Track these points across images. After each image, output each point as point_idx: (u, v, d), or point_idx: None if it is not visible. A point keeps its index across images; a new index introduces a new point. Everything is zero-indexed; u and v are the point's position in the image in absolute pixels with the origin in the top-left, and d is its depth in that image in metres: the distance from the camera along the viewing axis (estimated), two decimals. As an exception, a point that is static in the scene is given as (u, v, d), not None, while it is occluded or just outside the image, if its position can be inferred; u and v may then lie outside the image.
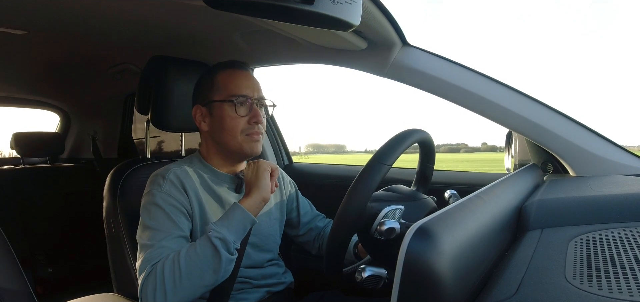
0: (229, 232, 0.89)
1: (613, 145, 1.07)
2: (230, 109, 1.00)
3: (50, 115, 2.75)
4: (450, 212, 0.54)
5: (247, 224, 0.92)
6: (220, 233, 0.88)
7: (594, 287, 0.45)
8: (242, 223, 0.91)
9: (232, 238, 0.89)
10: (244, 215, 0.91)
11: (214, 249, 0.86)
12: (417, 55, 1.19)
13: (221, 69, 1.05)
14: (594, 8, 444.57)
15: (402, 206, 0.81)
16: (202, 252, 0.87)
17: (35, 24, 1.27)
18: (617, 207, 0.72)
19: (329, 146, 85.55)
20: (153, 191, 0.98)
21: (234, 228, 0.90)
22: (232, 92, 1.01)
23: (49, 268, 2.13)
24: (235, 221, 0.90)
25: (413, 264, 0.42)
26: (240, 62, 1.07)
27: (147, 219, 0.95)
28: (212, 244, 0.87)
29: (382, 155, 0.76)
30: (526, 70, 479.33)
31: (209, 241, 0.87)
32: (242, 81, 1.02)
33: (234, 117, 1.00)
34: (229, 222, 0.90)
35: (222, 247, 0.87)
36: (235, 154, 1.04)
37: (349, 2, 0.71)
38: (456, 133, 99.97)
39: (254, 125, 1.01)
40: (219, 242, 0.87)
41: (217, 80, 1.04)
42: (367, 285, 0.75)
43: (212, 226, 0.89)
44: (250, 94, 1.02)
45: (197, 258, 0.87)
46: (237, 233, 0.90)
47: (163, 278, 0.85)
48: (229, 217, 0.91)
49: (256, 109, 1.02)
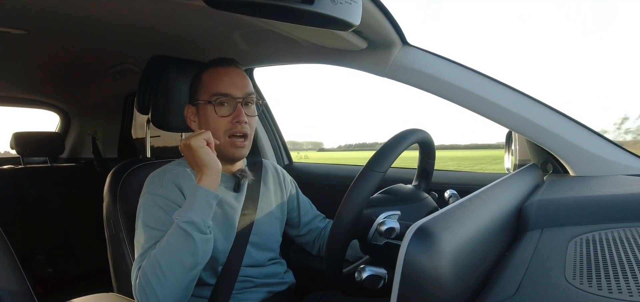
0: (195, 214, 0.88)
1: (613, 145, 1.07)
2: (212, 109, 0.99)
3: (50, 115, 2.75)
4: (450, 212, 0.54)
5: (211, 201, 0.91)
6: (187, 216, 0.87)
7: (594, 287, 0.45)
8: (205, 201, 0.90)
9: (200, 218, 0.88)
10: (205, 193, 0.90)
11: (185, 233, 0.86)
12: (417, 55, 1.19)
13: (207, 67, 1.05)
14: (594, 8, 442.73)
15: (399, 211, 0.81)
16: (175, 241, 0.86)
17: (35, 24, 1.27)
18: (617, 207, 0.72)
19: (306, 143, 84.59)
20: (149, 192, 0.97)
21: (199, 208, 0.89)
22: (214, 92, 0.99)
23: (49, 268, 2.13)
24: (197, 202, 0.89)
25: (413, 264, 0.42)
26: (227, 59, 1.05)
27: (141, 221, 0.95)
28: (182, 229, 0.86)
29: (376, 161, 0.76)
30: (526, 70, 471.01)
31: (179, 228, 0.87)
32: (225, 79, 1.00)
33: (216, 118, 0.99)
34: (192, 205, 0.89)
35: (193, 230, 0.87)
36: (222, 156, 1.01)
37: (349, 2, 0.71)
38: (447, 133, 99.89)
39: (236, 125, 0.99)
40: (188, 225, 0.87)
41: (202, 79, 1.03)
42: (367, 285, 0.75)
43: (177, 213, 0.89)
44: (233, 93, 0.99)
45: (171, 248, 0.86)
46: (203, 212, 0.89)
47: (148, 278, 0.85)
48: (191, 200, 0.90)
49: (239, 109, 0.99)
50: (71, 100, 2.56)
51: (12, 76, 2.01)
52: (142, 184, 1.03)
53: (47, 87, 2.28)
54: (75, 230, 2.28)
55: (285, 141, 1.89)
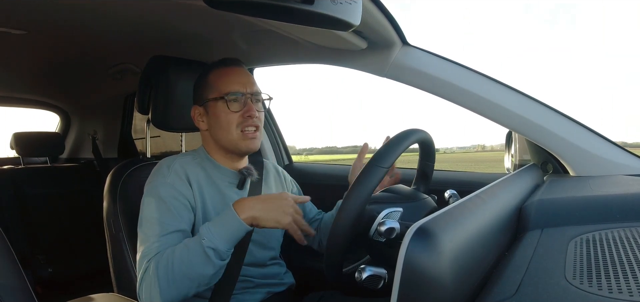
0: (222, 241, 0.86)
1: (613, 145, 1.07)
2: (224, 106, 1.01)
3: (50, 115, 2.75)
4: (450, 212, 0.54)
5: (241, 234, 0.88)
6: (213, 242, 0.85)
7: (594, 287, 0.45)
8: (237, 232, 0.88)
9: (225, 247, 0.86)
10: (239, 225, 0.87)
11: (207, 257, 0.85)
12: (417, 55, 1.19)
13: (213, 67, 1.06)
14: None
15: (401, 208, 0.81)
16: (194, 258, 0.85)
17: (35, 24, 1.27)
18: (617, 207, 0.72)
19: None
20: (157, 180, 0.98)
21: (228, 237, 0.87)
22: (224, 90, 1.01)
23: (49, 268, 2.13)
24: (229, 231, 0.87)
25: (413, 265, 0.42)
26: (232, 59, 1.07)
27: (147, 211, 0.94)
28: (204, 252, 0.85)
29: (380, 157, 0.76)
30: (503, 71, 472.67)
31: (201, 247, 0.85)
32: (233, 78, 1.03)
33: (228, 113, 1.01)
34: (223, 230, 0.87)
35: (215, 257, 0.85)
36: (233, 150, 1.04)
37: (349, 2, 0.71)
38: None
39: (247, 120, 1.01)
40: (212, 252, 0.85)
41: (210, 79, 1.04)
42: (367, 285, 0.75)
43: (205, 231, 0.86)
44: (243, 90, 1.02)
45: (189, 264, 0.85)
46: (229, 241, 0.87)
47: (157, 277, 0.85)
48: (224, 223, 0.87)
49: (250, 104, 1.02)
50: (71, 100, 2.56)
51: (12, 76, 2.01)
52: (142, 184, 1.03)
53: (47, 87, 2.28)
54: (75, 230, 2.28)
55: (285, 141, 1.89)
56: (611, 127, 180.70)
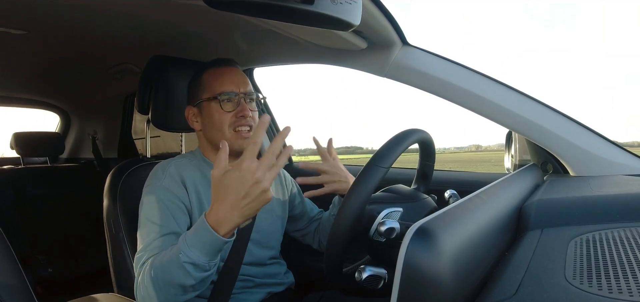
0: (199, 255, 0.78)
1: (613, 145, 1.07)
2: (217, 106, 1.01)
3: (50, 115, 2.75)
4: (450, 212, 0.54)
5: (219, 244, 0.78)
6: (189, 257, 0.78)
7: (594, 287, 0.45)
8: (214, 243, 0.78)
9: (204, 260, 0.78)
10: (214, 239, 0.77)
11: (185, 271, 0.78)
12: (417, 55, 1.19)
13: (207, 67, 1.07)
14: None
15: (401, 208, 0.81)
16: (174, 270, 0.80)
17: (35, 24, 1.27)
18: (617, 207, 0.72)
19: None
20: (152, 184, 0.98)
21: (206, 249, 0.78)
22: (218, 90, 1.02)
23: (49, 268, 2.13)
24: (207, 244, 0.78)
25: (413, 265, 0.42)
26: (225, 59, 1.08)
27: (143, 214, 0.95)
28: (181, 265, 0.78)
29: (380, 157, 0.76)
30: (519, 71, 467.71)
31: (179, 261, 0.78)
32: (227, 78, 1.03)
33: (221, 113, 1.01)
34: (199, 244, 0.78)
35: (193, 270, 0.78)
36: (229, 150, 1.01)
37: (349, 2, 0.71)
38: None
39: (240, 119, 1.01)
40: (190, 266, 0.78)
41: (204, 79, 1.05)
42: (367, 285, 0.75)
43: (182, 244, 0.79)
44: (236, 90, 1.02)
45: (169, 272, 0.80)
46: (209, 254, 0.79)
47: (150, 280, 0.83)
48: (200, 236, 0.78)
49: (243, 104, 1.02)
50: (71, 101, 2.56)
51: (12, 76, 2.01)
52: (142, 184, 1.03)
53: (47, 87, 2.28)
54: (75, 230, 2.28)
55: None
56: (611, 127, 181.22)
